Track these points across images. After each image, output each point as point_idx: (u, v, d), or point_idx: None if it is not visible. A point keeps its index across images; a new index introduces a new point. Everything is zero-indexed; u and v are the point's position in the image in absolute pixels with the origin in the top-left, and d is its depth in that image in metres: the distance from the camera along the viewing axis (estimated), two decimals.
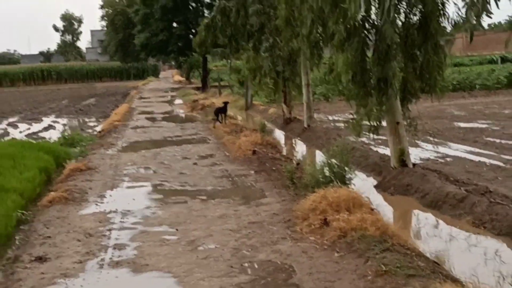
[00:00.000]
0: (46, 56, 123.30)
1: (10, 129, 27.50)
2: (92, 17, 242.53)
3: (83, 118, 32.10)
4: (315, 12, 11.94)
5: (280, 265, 6.97)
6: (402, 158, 12.08)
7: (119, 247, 8.03)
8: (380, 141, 15.84)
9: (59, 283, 6.82)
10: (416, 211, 10.23)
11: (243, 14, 22.07)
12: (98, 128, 25.58)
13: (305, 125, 20.62)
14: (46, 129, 27.08)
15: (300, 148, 18.76)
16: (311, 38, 13.04)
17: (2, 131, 26.74)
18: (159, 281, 6.77)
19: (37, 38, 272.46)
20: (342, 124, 22.29)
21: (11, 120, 32.33)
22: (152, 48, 56.67)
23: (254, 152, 14.50)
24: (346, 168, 10.10)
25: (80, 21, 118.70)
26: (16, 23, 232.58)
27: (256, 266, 6.98)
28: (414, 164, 12.24)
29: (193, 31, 39.73)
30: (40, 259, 7.61)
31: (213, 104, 28.04)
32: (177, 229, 8.67)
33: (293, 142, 20.01)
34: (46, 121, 31.18)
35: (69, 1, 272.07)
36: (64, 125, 28.92)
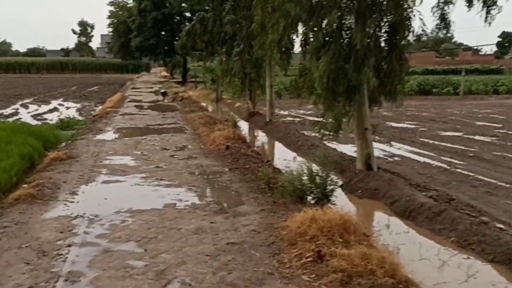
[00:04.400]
0: (65, 51, 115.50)
1: (21, 109, 23.41)
2: (102, 24, 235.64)
3: (84, 102, 27.66)
4: (288, 20, 8.86)
5: None
6: (368, 162, 9.06)
7: (72, 277, 4.68)
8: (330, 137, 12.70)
9: None
10: (393, 220, 7.14)
11: (218, 24, 18.76)
12: (95, 112, 21.68)
13: (267, 119, 17.49)
14: (51, 111, 23.03)
15: (264, 140, 15.52)
16: (282, 44, 9.89)
17: (14, 110, 22.55)
18: None
19: (59, 38, 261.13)
20: (295, 119, 19.65)
21: (25, 101, 27.80)
22: (145, 50, 53.04)
23: (227, 147, 11.00)
24: (329, 180, 6.88)
25: (92, 27, 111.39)
26: (46, 26, 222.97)
27: None
28: (378, 168, 9.21)
29: (177, 38, 36.61)
30: None
31: (191, 96, 24.73)
32: (145, 250, 5.35)
33: (258, 134, 16.66)
34: (54, 103, 26.83)
35: (86, 11, 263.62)
36: (67, 108, 24.78)
